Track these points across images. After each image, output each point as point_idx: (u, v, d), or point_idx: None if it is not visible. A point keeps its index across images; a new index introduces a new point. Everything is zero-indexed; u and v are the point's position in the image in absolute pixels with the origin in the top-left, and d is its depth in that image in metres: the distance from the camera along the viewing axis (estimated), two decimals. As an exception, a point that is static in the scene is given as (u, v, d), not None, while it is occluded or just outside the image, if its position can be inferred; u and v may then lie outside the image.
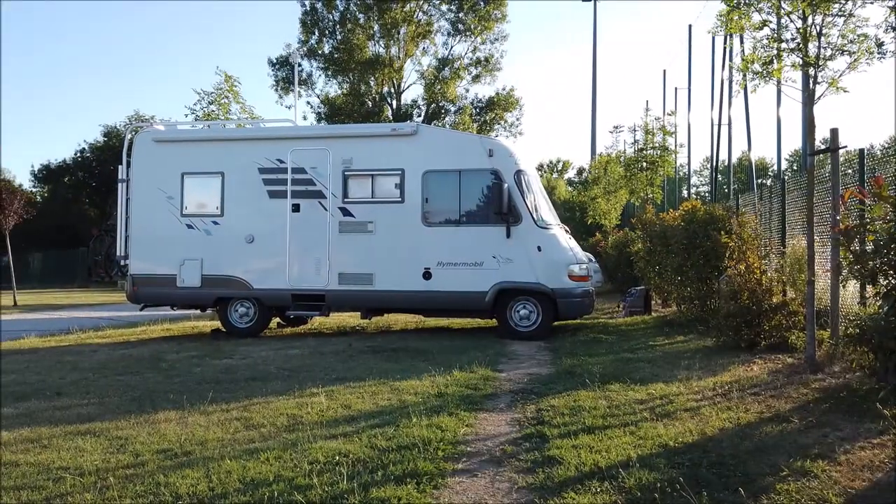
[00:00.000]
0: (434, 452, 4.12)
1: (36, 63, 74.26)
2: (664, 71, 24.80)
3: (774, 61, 6.35)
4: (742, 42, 10.69)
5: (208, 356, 8.38)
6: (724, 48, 17.12)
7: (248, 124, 13.81)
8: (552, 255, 9.38)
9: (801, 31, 6.01)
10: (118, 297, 21.77)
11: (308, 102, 33.43)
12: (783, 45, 6.24)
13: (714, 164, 19.27)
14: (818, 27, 5.96)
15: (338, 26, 31.98)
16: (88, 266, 34.16)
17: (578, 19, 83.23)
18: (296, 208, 10.17)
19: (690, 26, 21.79)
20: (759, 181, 35.73)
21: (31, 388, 6.47)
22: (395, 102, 33.53)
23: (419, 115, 33.08)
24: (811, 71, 6.05)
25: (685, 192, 25.00)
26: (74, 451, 4.28)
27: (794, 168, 40.02)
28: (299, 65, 31.65)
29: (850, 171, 6.81)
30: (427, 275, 9.65)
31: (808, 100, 6.16)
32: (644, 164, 15.85)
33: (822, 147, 6.81)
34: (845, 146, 6.16)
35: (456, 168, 9.69)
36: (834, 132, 6.04)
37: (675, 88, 22.39)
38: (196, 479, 3.73)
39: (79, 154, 40.08)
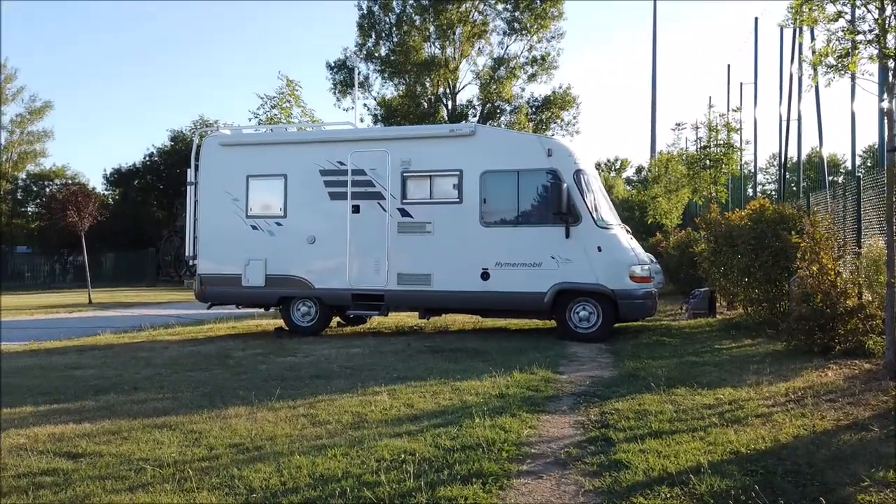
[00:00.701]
0: (498, 453, 4.13)
1: (107, 70, 77.86)
2: (728, 66, 24.21)
3: (850, 54, 6.08)
4: (813, 35, 10.30)
5: (272, 354, 8.61)
6: (794, 41, 16.47)
7: (310, 127, 14.12)
8: (613, 256, 9.24)
9: (878, 21, 5.75)
10: (184, 295, 22.61)
11: (365, 105, 33.92)
12: (859, 38, 5.98)
13: (782, 161, 18.57)
14: (898, 17, 5.68)
15: (394, 28, 32.32)
16: (157, 265, 35.58)
17: (637, 14, 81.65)
18: (356, 209, 10.33)
19: (756, 19, 21.05)
20: (831, 178, 34.25)
21: (109, 383, 6.79)
22: (450, 103, 33.64)
23: (474, 116, 33.09)
24: (890, 63, 5.77)
25: (750, 191, 24.19)
26: (153, 444, 4.47)
27: (868, 164, 38.17)
28: (356, 68, 32.12)
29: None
30: (485, 275, 9.65)
31: (887, 93, 5.88)
32: (708, 161, 15.40)
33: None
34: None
35: (514, 168, 9.65)
36: (915, 127, 5.75)
37: (741, 83, 21.70)
38: (268, 473, 3.84)
39: (147, 158, 41.74)
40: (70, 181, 37.51)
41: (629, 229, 10.34)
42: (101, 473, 3.89)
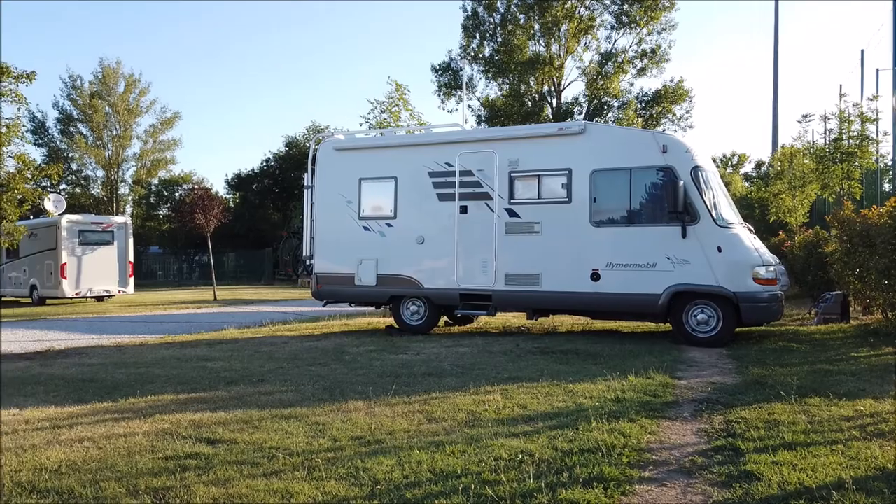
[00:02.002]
0: (618, 458, 4.03)
1: (226, 80, 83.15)
2: (861, 51, 22.22)
3: None
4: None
5: (385, 351, 8.86)
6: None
7: (418, 130, 14.41)
8: (734, 256, 8.76)
9: None
10: (299, 293, 23.76)
11: (469, 106, 34.14)
12: None
13: (925, 153, 16.87)
14: None
15: (498, 28, 32.29)
16: (273, 264, 37.56)
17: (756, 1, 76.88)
18: (463, 210, 10.43)
19: (894, -1, 19.27)
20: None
21: (237, 375, 7.24)
22: (555, 101, 33.16)
23: (580, 113, 32.46)
24: None
25: (887, 186, 22.17)
26: (282, 434, 4.72)
27: None
28: (461, 69, 32.38)
29: None
30: (595, 276, 9.45)
31: None
32: (839, 155, 14.26)
33: None
34: None
35: (626, 166, 9.38)
36: None
37: (877, 69, 19.92)
38: (390, 466, 3.96)
39: (265, 163, 44.18)
40: (196, 186, 40.34)
41: (752, 228, 9.78)
42: (237, 459, 4.16)
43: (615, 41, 32.25)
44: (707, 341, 8.80)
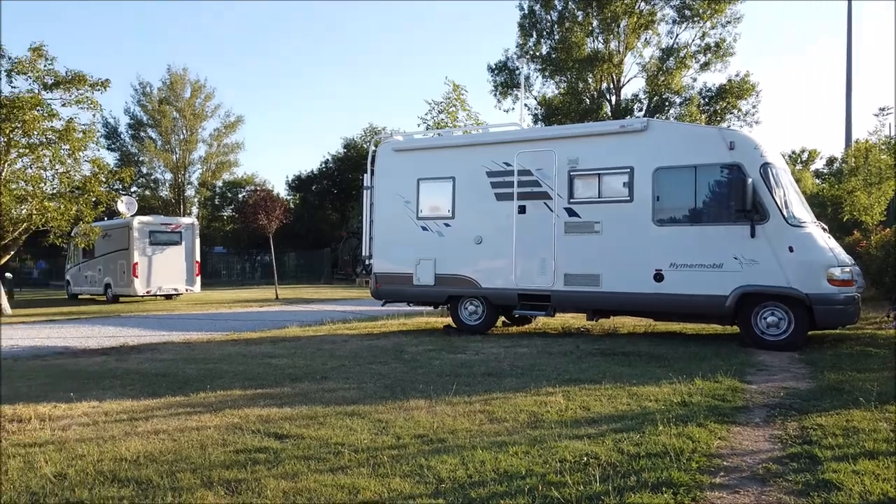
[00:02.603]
0: (688, 463, 3.93)
1: (285, 83, 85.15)
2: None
3: None
4: None
5: (444, 350, 8.89)
6: None
7: (475, 130, 14.40)
8: (807, 256, 8.40)
9: None
10: (356, 292, 24.11)
11: (525, 105, 33.93)
12: None
13: None
14: None
15: (555, 26, 31.98)
16: (332, 264, 38.30)
17: (823, -9, 73.56)
18: (522, 210, 10.36)
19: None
20: None
21: (301, 372, 7.40)
22: (613, 98, 32.61)
23: (640, 110, 31.80)
24: None
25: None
26: (346, 430, 4.80)
27: None
28: (518, 68, 32.22)
29: None
30: (658, 276, 9.24)
31: None
32: (920, 149, 13.48)
33: None
34: None
35: (691, 163, 9.13)
36: None
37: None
38: (454, 465, 3.96)
39: (323, 165, 45.09)
40: (259, 188, 41.50)
41: (826, 227, 9.37)
42: (304, 454, 4.25)
43: (677, 35, 31.47)
44: (777, 344, 8.47)
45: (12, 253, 18.99)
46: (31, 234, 18.85)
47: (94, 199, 18.36)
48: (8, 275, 21.52)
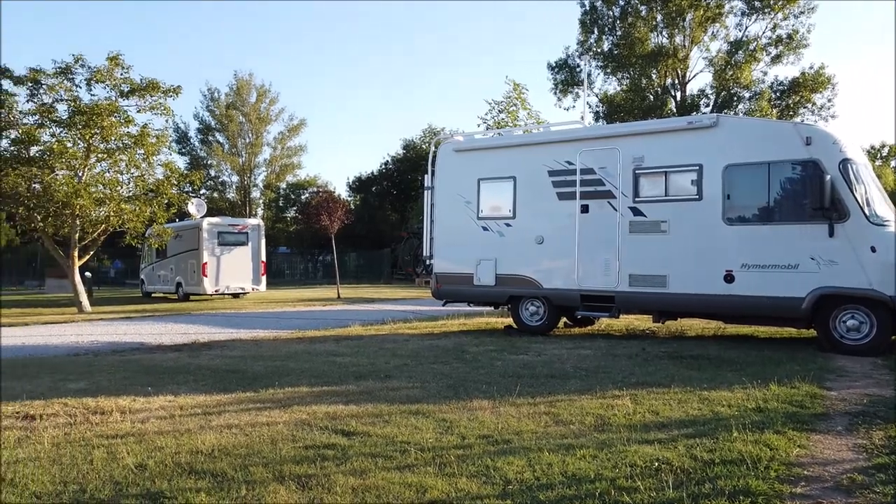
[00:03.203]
0: (766, 471, 3.77)
1: (345, 86, 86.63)
2: None
3: None
4: None
5: (505, 351, 8.84)
6: None
7: (536, 129, 14.28)
8: (891, 257, 7.94)
9: None
10: (416, 292, 24.30)
11: (587, 102, 33.46)
12: None
13: None
14: None
15: (618, 22, 31.40)
16: (392, 264, 38.71)
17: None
18: (584, 209, 10.20)
19: None
20: None
21: (365, 370, 7.50)
22: (678, 94, 31.75)
23: (707, 106, 30.84)
24: None
25: None
26: (411, 428, 4.82)
27: None
28: (579, 66, 31.78)
29: None
30: (729, 277, 8.92)
31: None
32: None
33: None
34: None
35: (764, 160, 8.77)
36: None
37: None
38: (520, 466, 3.93)
39: (383, 166, 45.65)
40: (321, 189, 42.38)
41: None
42: (371, 451, 4.29)
43: (746, 28, 30.40)
44: (858, 349, 8.05)
45: (91, 253, 20.02)
46: (108, 234, 19.82)
47: (166, 202, 19.17)
48: (87, 274, 22.68)
